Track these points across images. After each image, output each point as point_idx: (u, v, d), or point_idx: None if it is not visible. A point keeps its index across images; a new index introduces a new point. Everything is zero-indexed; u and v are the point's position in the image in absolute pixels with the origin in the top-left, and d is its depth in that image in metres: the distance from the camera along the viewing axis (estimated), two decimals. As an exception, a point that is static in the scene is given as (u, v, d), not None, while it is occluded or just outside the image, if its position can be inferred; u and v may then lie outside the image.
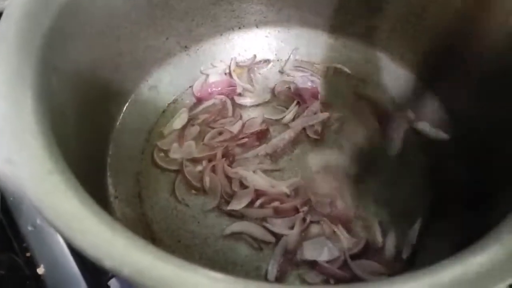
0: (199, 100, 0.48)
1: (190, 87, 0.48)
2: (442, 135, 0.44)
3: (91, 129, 0.37)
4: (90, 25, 0.36)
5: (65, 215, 0.21)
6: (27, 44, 0.29)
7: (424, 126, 0.45)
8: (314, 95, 0.48)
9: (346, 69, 0.49)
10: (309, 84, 0.49)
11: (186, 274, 0.20)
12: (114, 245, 0.20)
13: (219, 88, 0.48)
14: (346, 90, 0.49)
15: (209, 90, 0.48)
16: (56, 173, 0.24)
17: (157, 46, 0.45)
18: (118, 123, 0.43)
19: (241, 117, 0.47)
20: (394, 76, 0.47)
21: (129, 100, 0.44)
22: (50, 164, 0.24)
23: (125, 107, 0.44)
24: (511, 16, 0.35)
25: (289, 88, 0.49)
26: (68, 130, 0.32)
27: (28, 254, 0.40)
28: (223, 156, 0.43)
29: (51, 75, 0.31)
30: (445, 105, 0.45)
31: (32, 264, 0.39)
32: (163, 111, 0.46)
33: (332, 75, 0.50)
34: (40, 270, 0.39)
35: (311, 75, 0.49)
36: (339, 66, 0.50)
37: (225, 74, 0.49)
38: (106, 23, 0.38)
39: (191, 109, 0.47)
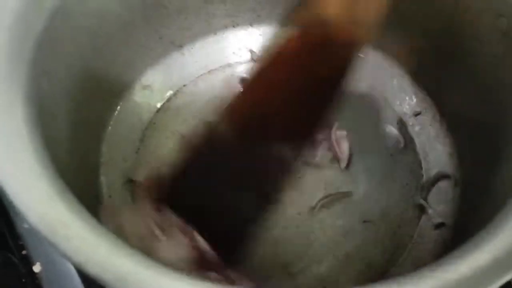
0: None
1: (184, 85, 0.48)
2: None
3: (83, 130, 0.37)
4: (82, 27, 0.36)
5: (51, 221, 0.22)
6: (19, 49, 0.29)
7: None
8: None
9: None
10: None
11: (169, 280, 0.21)
12: (98, 251, 0.21)
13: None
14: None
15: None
16: (44, 178, 0.24)
17: (151, 46, 0.45)
18: (111, 123, 0.43)
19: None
20: (386, 74, 0.47)
21: (123, 100, 0.44)
22: (39, 169, 0.24)
23: (118, 107, 0.44)
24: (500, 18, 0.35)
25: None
26: (60, 133, 0.32)
27: (24, 252, 0.40)
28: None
29: (42, 78, 0.31)
30: (437, 103, 0.45)
31: (28, 262, 0.40)
32: (157, 111, 0.47)
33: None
34: (36, 268, 0.39)
35: None
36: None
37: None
38: (98, 24, 0.38)
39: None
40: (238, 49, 0.50)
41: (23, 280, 0.39)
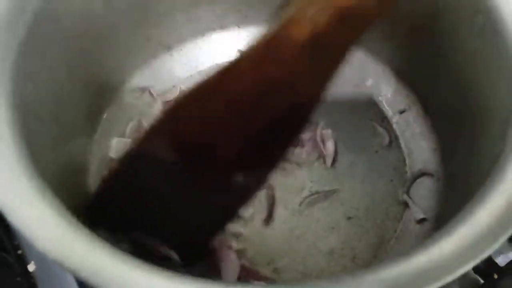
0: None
1: (173, 87, 0.49)
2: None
3: (71, 134, 0.38)
4: (68, 30, 0.37)
5: (30, 219, 0.22)
6: (2, 52, 0.30)
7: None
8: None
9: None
10: None
11: (145, 275, 0.22)
12: (75, 248, 0.22)
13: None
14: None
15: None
16: (24, 179, 0.25)
17: (139, 48, 0.46)
18: (100, 125, 0.43)
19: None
20: (370, 72, 0.48)
21: (111, 103, 0.45)
22: (20, 171, 0.25)
23: (107, 110, 0.44)
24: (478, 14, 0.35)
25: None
26: (46, 136, 0.33)
27: (19, 252, 0.41)
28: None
29: (27, 82, 0.31)
30: (421, 100, 0.45)
31: (23, 261, 0.40)
32: (146, 113, 0.47)
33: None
34: (31, 267, 0.40)
35: None
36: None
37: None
38: (84, 27, 0.39)
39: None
40: (226, 50, 0.51)
41: (18, 279, 0.40)
